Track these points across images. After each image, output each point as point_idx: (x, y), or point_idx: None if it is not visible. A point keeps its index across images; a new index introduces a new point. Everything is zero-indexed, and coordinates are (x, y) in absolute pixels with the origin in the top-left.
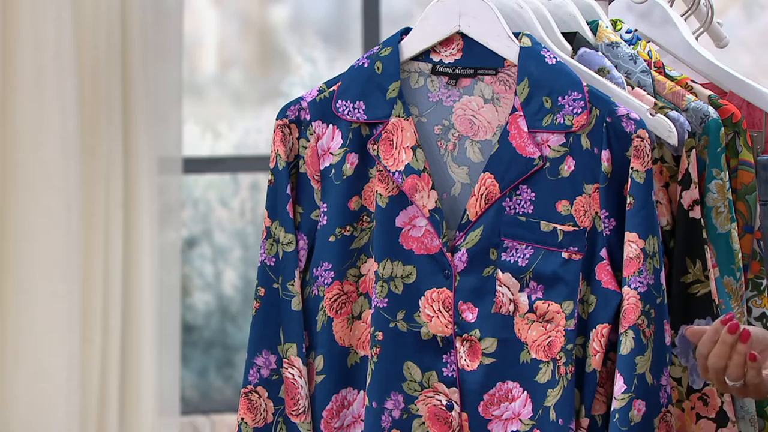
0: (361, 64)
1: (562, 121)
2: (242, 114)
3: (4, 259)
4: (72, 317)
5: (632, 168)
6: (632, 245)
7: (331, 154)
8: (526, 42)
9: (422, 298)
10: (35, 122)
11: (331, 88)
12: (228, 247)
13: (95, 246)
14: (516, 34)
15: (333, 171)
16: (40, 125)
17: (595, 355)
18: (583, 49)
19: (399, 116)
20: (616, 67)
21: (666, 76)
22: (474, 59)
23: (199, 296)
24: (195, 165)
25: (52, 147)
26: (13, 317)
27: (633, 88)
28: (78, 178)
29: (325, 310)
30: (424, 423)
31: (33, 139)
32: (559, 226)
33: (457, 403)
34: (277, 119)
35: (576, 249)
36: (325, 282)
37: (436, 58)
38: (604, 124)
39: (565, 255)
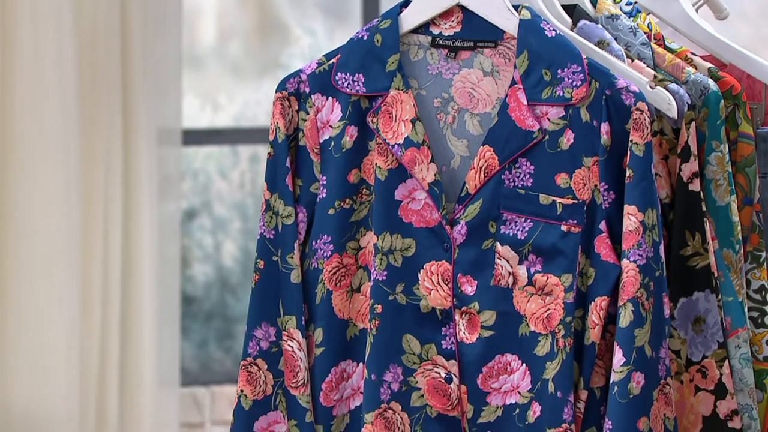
0: (360, 36)
1: (561, 94)
2: (242, 86)
3: (3, 233)
4: (72, 289)
5: (631, 141)
6: (631, 218)
7: (331, 126)
8: (526, 15)
9: (421, 271)
10: (34, 94)
11: (331, 61)
12: (227, 219)
13: (95, 218)
14: (516, 7)
15: (332, 144)
16: (39, 97)
17: (594, 328)
18: (582, 22)
19: (398, 89)
20: (615, 39)
21: (666, 48)
22: (473, 32)
23: (198, 268)
24: (194, 137)
25: (52, 119)
26: (13, 290)
27: (633, 60)
28: (77, 150)
29: (324, 283)
30: (423, 395)
31: (32, 111)
32: (558, 199)
33: (456, 376)
34: (276, 92)
35: (575, 222)
36: (325, 255)
37: (435, 30)
38: (604, 97)
39: (564, 228)
